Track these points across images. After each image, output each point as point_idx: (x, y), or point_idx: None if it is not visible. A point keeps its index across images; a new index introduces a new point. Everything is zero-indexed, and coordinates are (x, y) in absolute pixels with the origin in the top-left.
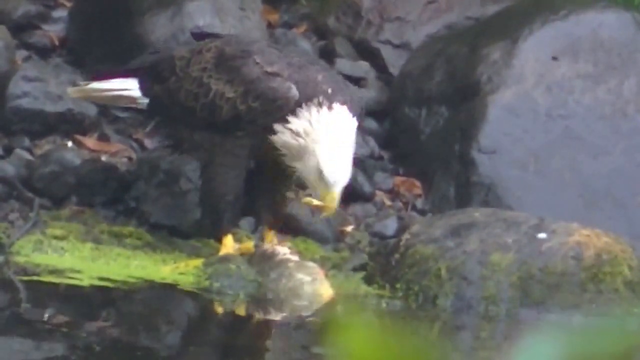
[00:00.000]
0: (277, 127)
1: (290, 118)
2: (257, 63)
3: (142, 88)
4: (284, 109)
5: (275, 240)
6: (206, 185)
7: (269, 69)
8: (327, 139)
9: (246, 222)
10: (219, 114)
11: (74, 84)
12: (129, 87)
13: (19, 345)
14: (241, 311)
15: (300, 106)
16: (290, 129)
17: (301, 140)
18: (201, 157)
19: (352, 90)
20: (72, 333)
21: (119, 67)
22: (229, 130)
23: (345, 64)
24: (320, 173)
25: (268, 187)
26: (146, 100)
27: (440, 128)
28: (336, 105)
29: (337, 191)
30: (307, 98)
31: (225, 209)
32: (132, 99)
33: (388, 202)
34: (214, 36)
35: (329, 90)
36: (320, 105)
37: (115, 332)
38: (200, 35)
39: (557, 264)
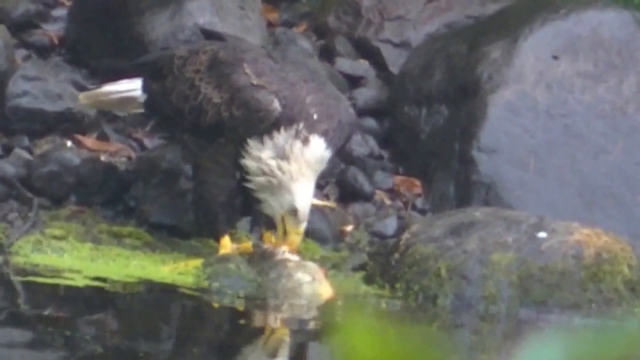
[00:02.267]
0: (252, 142)
1: (266, 139)
2: (246, 73)
3: (143, 86)
4: (264, 121)
5: (274, 240)
6: (198, 188)
7: (255, 81)
8: (302, 176)
9: (245, 222)
10: (204, 118)
11: (84, 88)
12: (135, 87)
13: (17, 345)
14: (240, 311)
15: (279, 127)
16: (264, 164)
17: (275, 178)
18: (190, 160)
19: (343, 110)
20: (71, 333)
21: (126, 62)
22: (211, 136)
23: (345, 63)
24: (293, 210)
25: None
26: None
27: (440, 127)
28: (313, 138)
29: (303, 227)
30: (289, 121)
31: (219, 210)
32: (138, 99)
33: (388, 202)
34: (220, 37)
35: (314, 116)
36: (297, 135)
37: (115, 332)
38: (208, 33)
39: (557, 263)
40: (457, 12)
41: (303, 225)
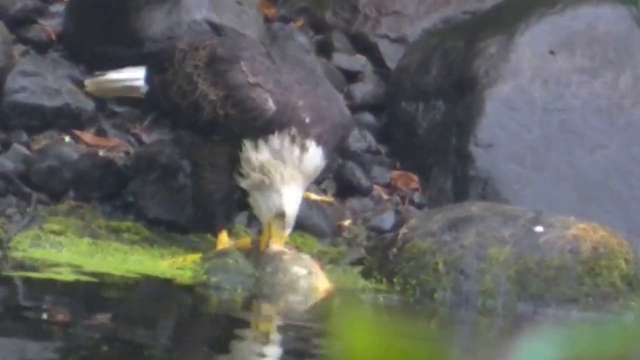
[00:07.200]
0: (247, 143)
1: (260, 142)
2: (243, 71)
3: (146, 77)
4: (258, 120)
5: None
6: (195, 184)
7: (252, 80)
8: (294, 181)
9: (243, 217)
10: (200, 115)
11: (82, 83)
12: (139, 76)
13: (16, 340)
14: (238, 306)
15: (272, 130)
16: (260, 162)
17: (268, 177)
18: (185, 155)
19: (336, 111)
20: (69, 328)
21: (126, 54)
22: (207, 133)
23: (342, 58)
24: (280, 213)
25: None
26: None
27: (437, 122)
28: (311, 146)
29: (288, 233)
30: (281, 125)
31: (216, 206)
32: (140, 89)
33: (385, 196)
34: (222, 29)
35: (307, 120)
36: (294, 141)
37: (113, 327)
38: (215, 26)
39: (554, 257)
40: (453, 8)
41: (288, 231)
